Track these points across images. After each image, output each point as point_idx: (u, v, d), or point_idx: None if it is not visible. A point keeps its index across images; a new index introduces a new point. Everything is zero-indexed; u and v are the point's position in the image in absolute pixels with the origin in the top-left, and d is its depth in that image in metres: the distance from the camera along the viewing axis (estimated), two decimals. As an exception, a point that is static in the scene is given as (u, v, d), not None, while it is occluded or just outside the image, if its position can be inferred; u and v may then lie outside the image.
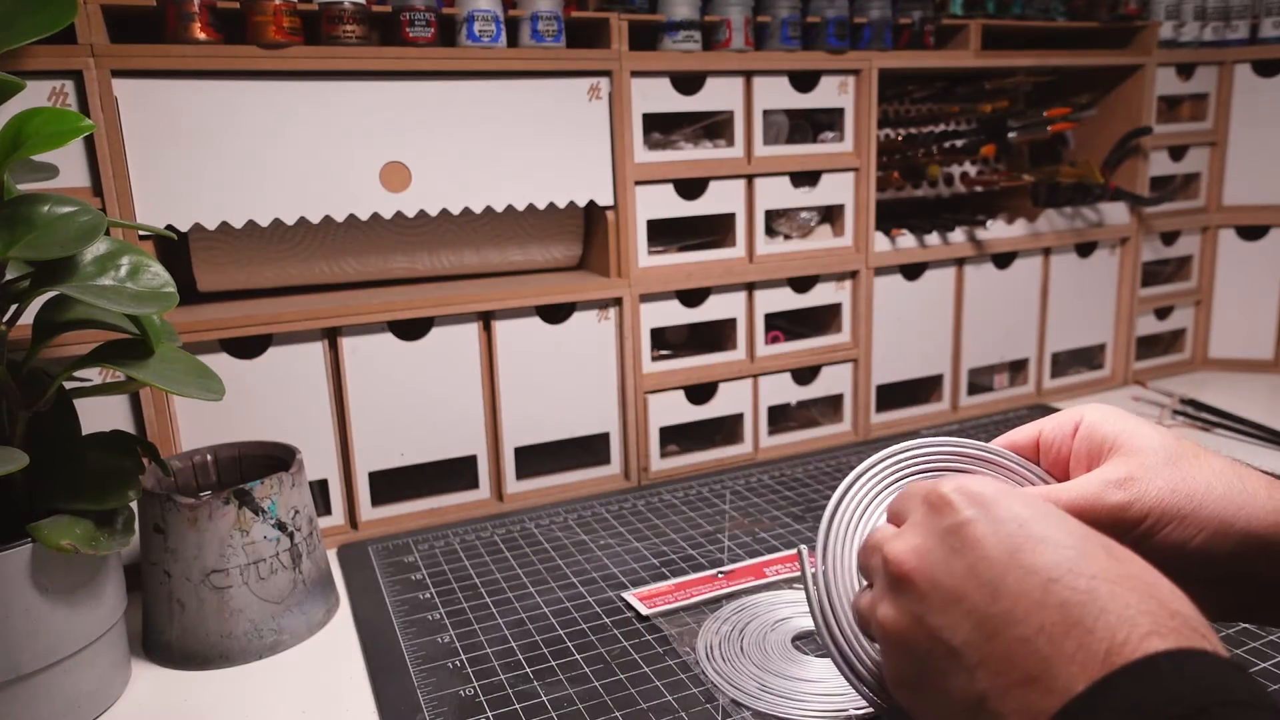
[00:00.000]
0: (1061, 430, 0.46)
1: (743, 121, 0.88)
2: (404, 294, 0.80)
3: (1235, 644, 0.57)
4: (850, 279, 0.97)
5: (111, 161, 0.67)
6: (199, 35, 0.69)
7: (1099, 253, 1.11)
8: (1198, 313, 1.21)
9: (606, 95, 0.82)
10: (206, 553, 0.60)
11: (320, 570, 0.66)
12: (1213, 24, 1.13)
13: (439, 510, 0.83)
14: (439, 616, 0.65)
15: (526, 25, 0.79)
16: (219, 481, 0.70)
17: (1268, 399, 1.07)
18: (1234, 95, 1.14)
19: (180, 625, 0.61)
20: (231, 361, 0.73)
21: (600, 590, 0.68)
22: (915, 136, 1.00)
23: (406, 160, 0.77)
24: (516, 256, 0.88)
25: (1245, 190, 1.16)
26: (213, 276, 0.78)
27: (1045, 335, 1.10)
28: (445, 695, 0.55)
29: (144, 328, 0.55)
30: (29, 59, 0.63)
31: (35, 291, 0.52)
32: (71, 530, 0.52)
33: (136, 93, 0.67)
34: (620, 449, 0.89)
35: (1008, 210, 1.08)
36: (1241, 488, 0.41)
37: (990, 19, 0.98)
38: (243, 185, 0.72)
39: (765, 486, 0.87)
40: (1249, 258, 1.17)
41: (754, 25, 0.88)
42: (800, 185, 0.92)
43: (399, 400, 0.79)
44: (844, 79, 0.92)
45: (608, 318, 0.86)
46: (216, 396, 0.55)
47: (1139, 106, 1.08)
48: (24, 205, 0.52)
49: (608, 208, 0.85)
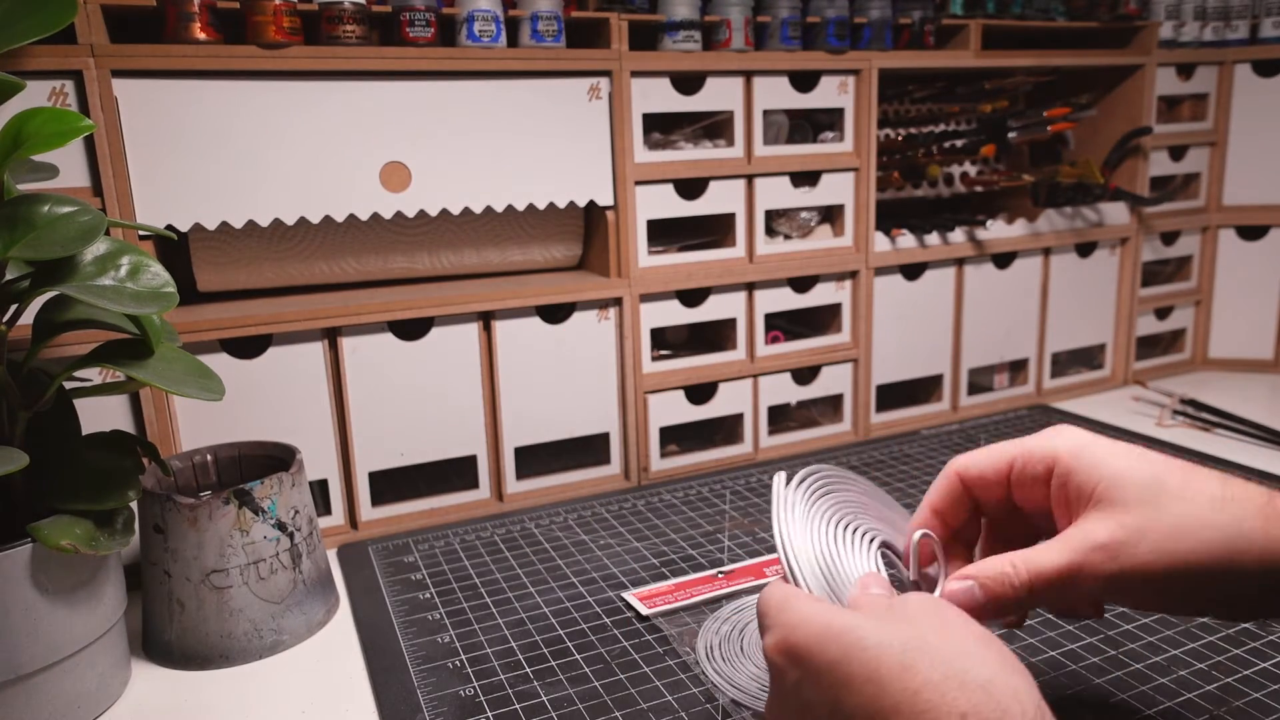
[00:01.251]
0: (1032, 471, 0.45)
1: (743, 121, 0.88)
2: (404, 294, 0.80)
3: (1235, 643, 0.57)
4: (850, 279, 0.97)
5: (111, 161, 0.67)
6: (199, 35, 0.69)
7: (1099, 253, 1.11)
8: (1198, 313, 1.21)
9: (606, 95, 0.82)
10: (206, 553, 0.60)
11: (320, 570, 0.66)
12: (1213, 24, 1.13)
13: (439, 510, 0.83)
14: (439, 616, 0.65)
15: (526, 25, 0.79)
16: (219, 481, 0.70)
17: (1268, 399, 1.07)
18: (1234, 95, 1.14)
19: (180, 625, 0.61)
20: (231, 361, 0.73)
21: (600, 590, 0.68)
22: (915, 136, 1.00)
23: (406, 160, 0.77)
24: (516, 256, 0.88)
25: (1245, 190, 1.16)
26: (213, 276, 0.78)
27: (1045, 335, 1.10)
28: (445, 695, 0.55)
29: (144, 328, 0.55)
30: (29, 59, 0.63)
31: (35, 291, 0.52)
32: (71, 530, 0.52)
33: (136, 93, 0.67)
34: (620, 449, 0.89)
35: (1008, 210, 1.08)
36: (1236, 525, 0.39)
37: (990, 19, 0.98)
38: (242, 185, 0.72)
39: (765, 486, 0.87)
40: (1249, 258, 1.17)
41: (754, 25, 0.88)
42: (800, 185, 0.92)
43: (399, 400, 0.79)
44: (844, 79, 0.92)
45: (608, 318, 0.86)
46: (216, 396, 0.55)
47: (1139, 106, 1.08)
48: (24, 205, 0.52)
49: (608, 208, 0.85)
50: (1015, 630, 0.58)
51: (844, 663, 0.35)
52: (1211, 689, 0.53)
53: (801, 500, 0.47)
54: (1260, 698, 0.52)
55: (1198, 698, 0.52)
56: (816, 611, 0.38)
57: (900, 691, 0.34)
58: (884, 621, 0.37)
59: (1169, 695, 0.52)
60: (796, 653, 0.37)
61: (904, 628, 0.36)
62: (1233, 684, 0.53)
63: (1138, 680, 0.54)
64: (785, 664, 0.38)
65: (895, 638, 0.35)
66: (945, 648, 0.35)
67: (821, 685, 0.36)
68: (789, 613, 0.38)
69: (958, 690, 0.33)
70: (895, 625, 0.36)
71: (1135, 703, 0.52)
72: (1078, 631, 0.59)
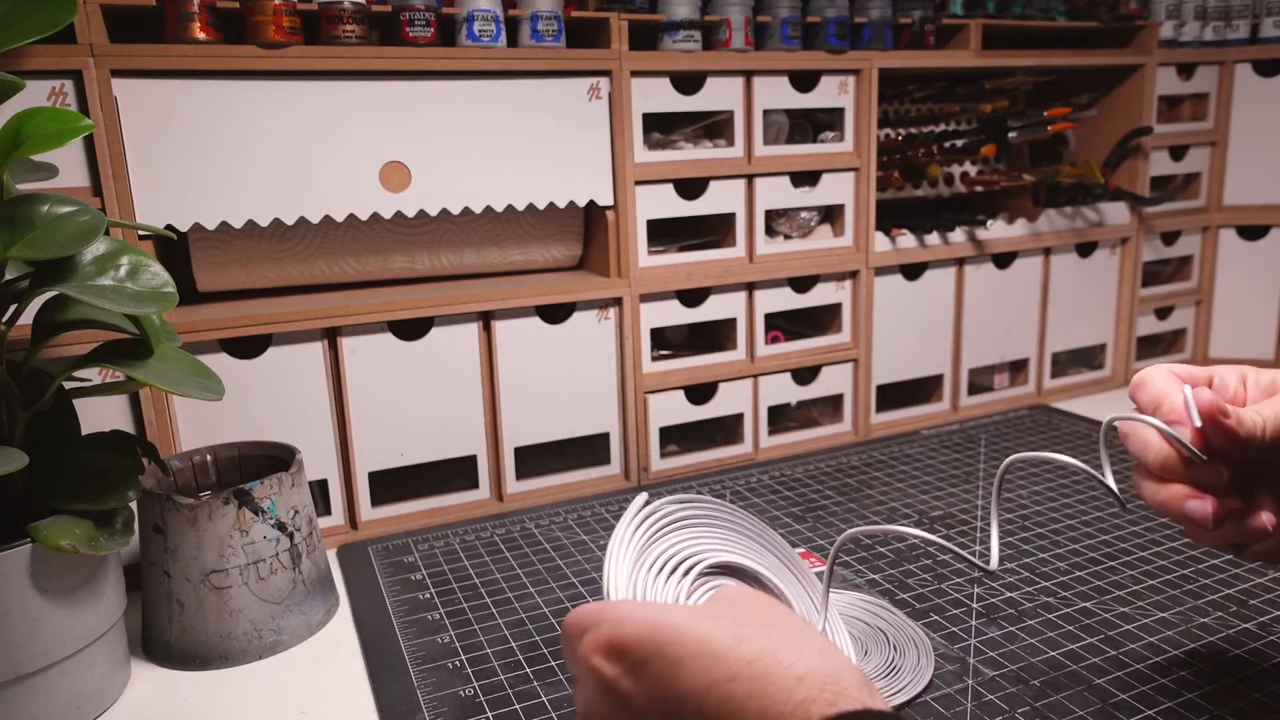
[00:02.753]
0: (1229, 376, 0.49)
1: (743, 121, 0.88)
2: (404, 294, 0.80)
3: (1236, 644, 0.57)
4: (850, 279, 0.97)
5: (111, 161, 0.67)
6: (199, 35, 0.69)
7: (1099, 253, 1.11)
8: (1198, 313, 1.21)
9: (606, 95, 0.82)
10: (206, 553, 0.60)
11: (320, 570, 0.66)
12: (1213, 24, 1.13)
13: (439, 510, 0.83)
14: (439, 616, 0.65)
15: (526, 25, 0.79)
16: (219, 481, 0.70)
17: (1268, 399, 1.07)
18: (1234, 95, 1.14)
19: (180, 625, 0.61)
20: (231, 361, 0.73)
21: (600, 590, 0.68)
22: (915, 136, 1.00)
23: (406, 160, 0.77)
24: (516, 256, 0.88)
25: (1245, 190, 1.16)
26: (213, 276, 0.78)
27: (1045, 335, 1.10)
28: (445, 695, 0.55)
29: (144, 328, 0.55)
30: (29, 59, 0.63)
31: (35, 291, 0.52)
32: (71, 530, 0.52)
33: (136, 93, 0.67)
34: (620, 449, 0.89)
35: (1008, 210, 1.08)
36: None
37: (990, 19, 0.98)
38: (242, 185, 0.72)
39: (765, 486, 0.87)
40: (1249, 258, 1.17)
41: (754, 25, 0.88)
42: (800, 185, 0.92)
43: (399, 400, 0.79)
44: (844, 79, 0.92)
45: (608, 318, 0.86)
46: (216, 396, 0.55)
47: (1139, 106, 1.08)
48: (24, 205, 0.52)
49: (608, 208, 0.85)
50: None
51: (676, 643, 0.35)
52: (1211, 689, 0.53)
53: (640, 534, 0.47)
54: (1260, 698, 0.52)
55: (1198, 698, 0.52)
56: (641, 607, 0.37)
57: (736, 661, 0.34)
58: (709, 615, 0.36)
59: (1169, 695, 0.52)
60: (622, 645, 0.36)
61: (730, 614, 0.37)
62: (1233, 684, 0.53)
63: (1138, 680, 0.54)
64: (604, 662, 0.36)
65: (725, 620, 0.36)
66: (774, 622, 0.36)
67: (648, 673, 0.35)
68: (612, 611, 0.37)
69: (793, 656, 0.34)
70: (721, 614, 0.37)
71: (1135, 703, 0.52)
72: (1077, 632, 0.59)
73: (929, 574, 0.68)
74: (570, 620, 0.39)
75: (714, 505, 0.52)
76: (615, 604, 0.38)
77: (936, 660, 0.57)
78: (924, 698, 0.53)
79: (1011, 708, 0.52)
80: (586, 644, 0.37)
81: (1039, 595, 0.64)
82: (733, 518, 0.53)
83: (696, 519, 0.51)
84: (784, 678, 0.33)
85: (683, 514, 0.50)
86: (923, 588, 0.66)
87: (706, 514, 0.51)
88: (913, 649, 0.57)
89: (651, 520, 0.48)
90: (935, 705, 0.52)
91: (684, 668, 0.34)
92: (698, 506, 0.51)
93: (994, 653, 0.57)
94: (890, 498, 0.83)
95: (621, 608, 0.37)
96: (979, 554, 0.50)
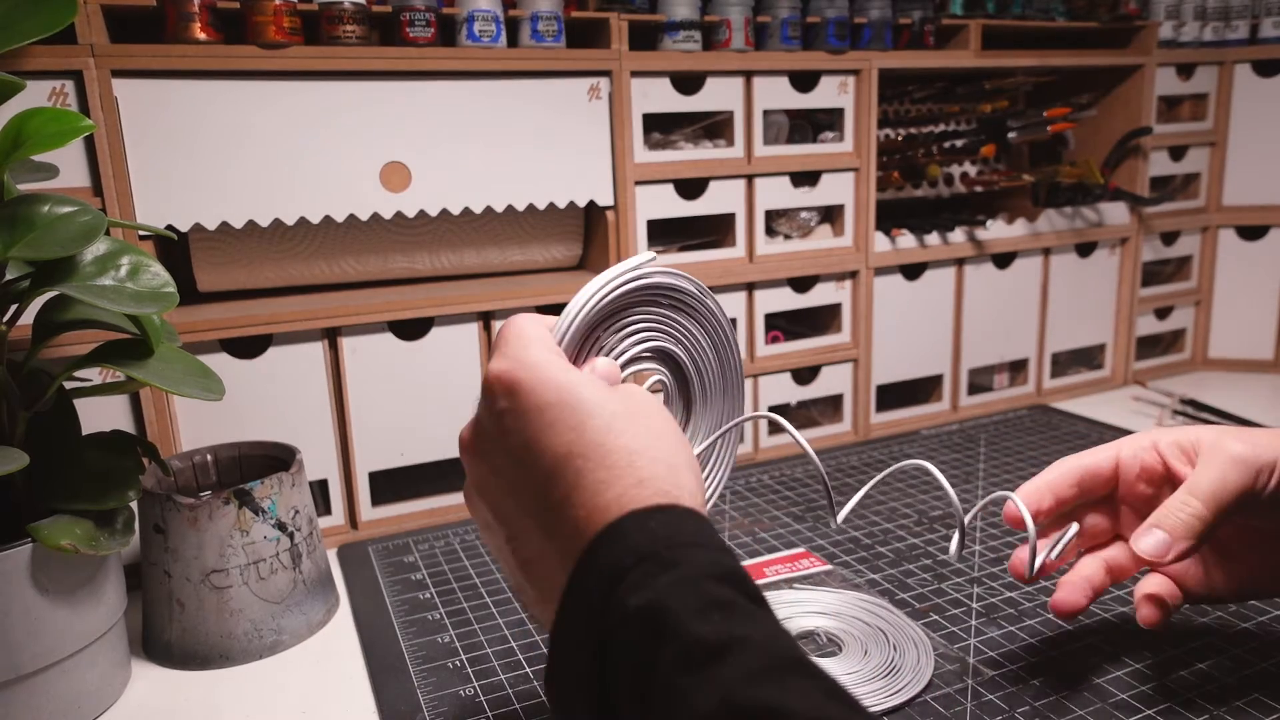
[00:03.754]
0: (1139, 445, 0.52)
1: (743, 121, 0.88)
2: (404, 294, 0.80)
3: (1236, 644, 0.57)
4: (850, 279, 0.97)
5: (111, 161, 0.67)
6: (199, 35, 0.69)
7: (1099, 253, 1.11)
8: (1198, 313, 1.21)
9: (606, 95, 0.82)
10: (206, 553, 0.60)
11: (320, 570, 0.66)
12: (1213, 24, 1.13)
13: (439, 510, 0.83)
14: (439, 616, 0.65)
15: (526, 25, 0.79)
16: (219, 481, 0.70)
17: (1268, 399, 1.07)
18: (1234, 95, 1.14)
19: (180, 625, 0.61)
20: (231, 361, 0.73)
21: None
22: (915, 136, 1.00)
23: (406, 160, 0.77)
24: (516, 256, 0.88)
25: (1245, 190, 1.16)
26: (213, 276, 0.78)
27: (1045, 335, 1.10)
28: (445, 695, 0.55)
29: (144, 328, 0.55)
30: (29, 59, 0.63)
31: (35, 291, 0.52)
32: (71, 530, 0.52)
33: (136, 93, 0.67)
34: (620, 449, 0.89)
35: (1008, 210, 1.08)
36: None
37: (990, 19, 0.98)
38: (243, 185, 0.72)
39: (765, 486, 0.87)
40: (1249, 258, 1.17)
41: (754, 25, 0.88)
42: (800, 185, 0.92)
43: (399, 400, 0.79)
44: (844, 79, 0.92)
45: (608, 318, 0.86)
46: (216, 396, 0.55)
47: (1139, 106, 1.08)
48: (24, 205, 0.52)
49: (608, 208, 0.85)
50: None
51: (555, 407, 0.38)
52: (1211, 689, 0.53)
53: (621, 291, 0.46)
54: (1260, 697, 0.52)
55: (1198, 698, 0.52)
56: (549, 360, 0.40)
57: (592, 445, 0.37)
58: (604, 391, 0.40)
59: (1169, 695, 0.52)
60: (517, 387, 0.39)
61: (620, 401, 0.39)
62: (1232, 683, 0.53)
63: (1138, 680, 0.54)
64: (500, 392, 0.40)
65: (610, 405, 0.39)
66: (647, 426, 0.39)
67: (526, 420, 0.39)
68: (527, 352, 0.40)
69: (647, 463, 0.37)
70: (614, 397, 0.39)
71: (1135, 703, 0.52)
72: (1077, 632, 0.60)
73: (929, 574, 0.68)
74: (504, 330, 0.42)
75: (702, 299, 0.49)
76: (536, 347, 0.41)
77: (936, 660, 0.57)
78: (924, 698, 0.53)
79: (1011, 708, 0.52)
80: (494, 368, 0.40)
81: (1039, 595, 0.64)
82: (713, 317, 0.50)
83: (683, 305, 0.48)
84: (626, 472, 0.37)
85: (673, 284, 0.47)
86: (923, 588, 0.66)
87: (692, 303, 0.49)
88: (912, 649, 0.57)
89: (640, 282, 0.47)
90: (935, 705, 0.52)
91: (554, 432, 0.38)
92: (693, 296, 0.48)
93: (994, 653, 0.58)
94: (890, 498, 0.83)
95: (539, 354, 0.40)
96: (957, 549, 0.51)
